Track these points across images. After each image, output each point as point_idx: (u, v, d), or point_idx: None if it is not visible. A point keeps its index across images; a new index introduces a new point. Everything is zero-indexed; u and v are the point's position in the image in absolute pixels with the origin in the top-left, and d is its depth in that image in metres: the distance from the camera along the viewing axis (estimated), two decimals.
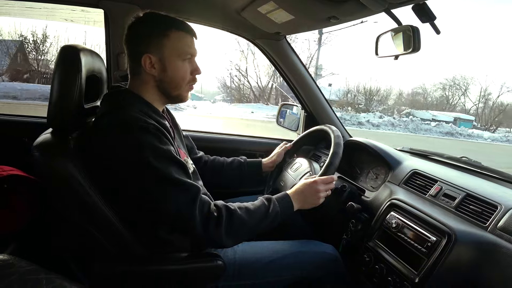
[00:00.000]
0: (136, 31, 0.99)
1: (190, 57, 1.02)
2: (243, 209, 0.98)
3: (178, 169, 0.92)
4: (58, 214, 0.97)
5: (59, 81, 0.91)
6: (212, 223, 0.90)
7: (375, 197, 1.24)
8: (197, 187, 0.92)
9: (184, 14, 1.51)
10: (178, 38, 0.99)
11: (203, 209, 0.91)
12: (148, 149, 0.87)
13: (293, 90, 1.81)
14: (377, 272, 1.02)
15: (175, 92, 1.03)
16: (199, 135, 1.84)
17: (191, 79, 1.04)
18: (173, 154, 0.92)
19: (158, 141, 0.90)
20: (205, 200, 0.93)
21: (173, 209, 0.88)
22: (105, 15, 1.45)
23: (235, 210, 0.96)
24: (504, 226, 0.88)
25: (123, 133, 0.88)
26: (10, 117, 1.62)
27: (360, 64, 60.84)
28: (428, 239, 0.92)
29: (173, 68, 0.99)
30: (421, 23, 1.00)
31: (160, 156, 0.89)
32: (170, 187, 0.88)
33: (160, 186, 0.88)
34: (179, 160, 0.93)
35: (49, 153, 0.89)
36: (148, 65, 0.98)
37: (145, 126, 0.89)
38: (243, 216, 0.96)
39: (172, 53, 0.98)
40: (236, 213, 0.95)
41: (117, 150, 0.88)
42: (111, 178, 0.92)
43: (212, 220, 0.91)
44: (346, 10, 1.13)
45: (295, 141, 1.54)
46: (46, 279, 0.47)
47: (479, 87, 35.38)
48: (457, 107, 33.45)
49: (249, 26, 1.52)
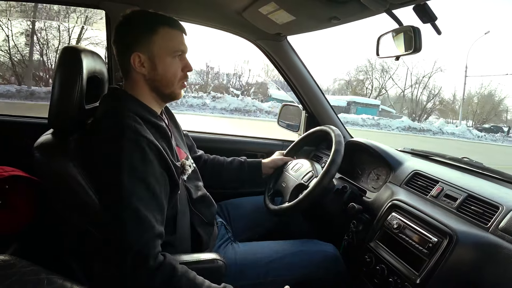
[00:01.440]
0: (123, 29, 0.97)
1: (180, 53, 1.00)
2: (191, 282, 0.84)
3: (147, 198, 0.84)
4: (58, 214, 0.97)
5: (60, 82, 0.92)
6: (143, 270, 0.80)
7: (376, 198, 1.24)
8: (152, 227, 0.83)
9: (184, 15, 1.51)
10: (168, 35, 0.96)
11: (143, 249, 0.80)
12: (127, 163, 0.83)
13: (294, 91, 1.80)
14: (378, 272, 1.01)
15: (168, 90, 1.01)
16: (200, 135, 1.84)
17: (182, 76, 1.01)
18: (149, 179, 0.86)
19: (141, 158, 0.85)
20: (153, 245, 0.82)
21: (116, 232, 0.81)
22: (106, 15, 1.46)
23: (180, 277, 0.83)
24: (505, 226, 0.88)
25: (111, 140, 0.86)
26: (11, 118, 1.62)
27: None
28: (430, 240, 0.91)
29: (163, 66, 0.97)
30: (422, 24, 1.00)
31: (135, 176, 0.83)
32: (124, 210, 0.81)
33: (117, 203, 0.82)
34: (153, 187, 0.86)
35: (50, 154, 0.89)
36: (138, 64, 0.95)
37: (134, 138, 0.86)
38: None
39: (161, 50, 0.96)
40: (178, 282, 0.82)
41: (102, 154, 0.87)
42: (97, 179, 0.90)
43: (145, 268, 0.80)
44: (347, 10, 1.13)
45: (296, 142, 1.54)
46: (47, 279, 0.47)
47: (407, 70, 31.88)
48: (382, 92, 30.42)
49: (250, 27, 1.52)
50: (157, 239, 0.84)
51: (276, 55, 1.71)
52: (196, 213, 1.09)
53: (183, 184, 1.05)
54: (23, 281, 0.45)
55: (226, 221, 1.34)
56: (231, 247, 1.15)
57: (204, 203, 1.14)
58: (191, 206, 1.08)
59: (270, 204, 1.29)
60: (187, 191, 1.08)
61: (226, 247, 1.16)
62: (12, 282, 0.44)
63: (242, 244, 1.18)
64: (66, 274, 0.52)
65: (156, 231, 0.84)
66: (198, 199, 1.11)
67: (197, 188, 1.14)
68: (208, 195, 1.19)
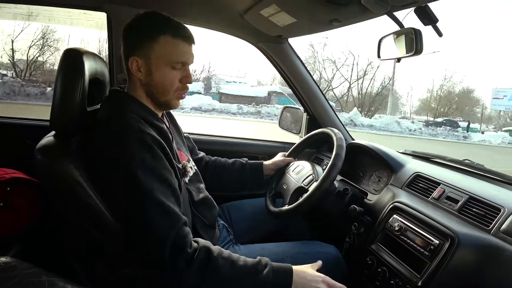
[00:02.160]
0: (128, 31, 0.97)
1: (181, 65, 0.96)
2: (228, 261, 0.86)
3: (166, 190, 0.87)
4: (60, 216, 0.97)
5: (62, 84, 0.92)
6: (182, 259, 0.82)
7: (377, 200, 1.23)
8: (179, 216, 0.86)
9: (186, 18, 1.51)
10: (169, 44, 0.94)
11: (177, 239, 0.83)
12: (138, 161, 0.84)
13: (296, 93, 1.81)
14: (379, 275, 1.01)
15: (163, 98, 0.99)
16: (201, 138, 1.84)
17: (180, 87, 0.99)
18: (163, 172, 0.88)
19: (150, 154, 0.87)
20: (185, 233, 0.85)
21: (146, 228, 0.82)
22: (108, 18, 1.46)
23: (217, 257, 0.85)
24: (507, 229, 0.87)
25: (116, 141, 0.86)
26: (13, 120, 1.63)
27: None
28: (431, 242, 0.91)
29: (160, 74, 0.95)
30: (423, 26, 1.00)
31: (149, 171, 0.85)
32: (149, 206, 0.82)
33: (140, 202, 0.83)
34: (168, 179, 0.89)
35: (52, 156, 0.89)
36: (135, 68, 0.95)
37: (140, 136, 0.86)
38: (223, 269, 0.85)
39: (159, 59, 0.94)
40: (216, 262, 0.85)
41: (109, 157, 0.87)
42: (104, 183, 0.91)
43: (183, 256, 0.82)
44: (348, 13, 1.13)
45: (297, 144, 1.54)
46: (48, 281, 0.47)
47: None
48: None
49: (251, 29, 1.52)
50: (186, 227, 0.86)
51: (277, 57, 1.71)
52: (198, 216, 1.09)
53: (184, 187, 1.05)
54: (24, 283, 0.45)
55: (228, 223, 1.34)
56: (232, 249, 1.15)
57: (206, 205, 1.14)
58: (192, 208, 1.08)
59: (271, 206, 1.29)
60: (189, 193, 1.08)
61: (227, 249, 1.15)
62: (13, 284, 0.44)
63: (244, 246, 1.18)
64: (67, 276, 0.52)
65: (183, 219, 0.86)
66: (200, 201, 1.11)
67: (198, 190, 1.14)
68: (209, 197, 1.19)
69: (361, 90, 26.56)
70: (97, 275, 0.94)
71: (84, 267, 1.00)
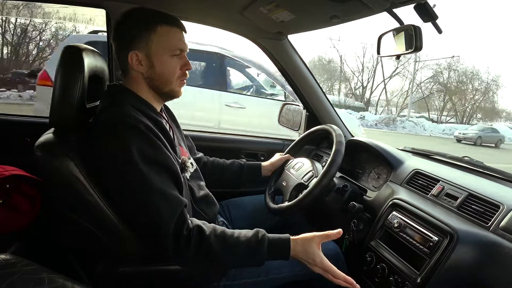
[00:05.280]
0: (122, 27, 0.97)
1: (179, 52, 0.99)
2: (220, 238, 0.90)
3: (166, 177, 0.90)
4: (60, 213, 0.98)
5: (62, 81, 0.92)
6: (182, 242, 0.86)
7: (377, 197, 1.24)
8: (180, 200, 0.90)
9: (185, 14, 1.51)
10: (166, 33, 0.96)
11: (179, 223, 0.87)
12: (136, 150, 0.86)
13: (295, 90, 1.80)
14: (378, 271, 1.01)
15: (166, 88, 1.01)
16: (201, 134, 1.84)
17: (181, 74, 1.01)
18: (161, 158, 0.90)
19: (147, 143, 0.88)
20: (185, 216, 0.89)
21: (151, 218, 0.86)
22: (107, 15, 1.46)
23: (209, 236, 0.89)
24: (506, 226, 0.88)
25: (112, 132, 0.88)
26: (12, 117, 1.62)
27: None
28: (430, 239, 0.92)
29: (161, 64, 0.97)
30: (423, 23, 1.00)
31: (148, 159, 0.87)
32: (153, 195, 0.86)
33: (144, 192, 0.86)
34: (167, 165, 0.91)
35: (51, 153, 0.89)
36: (135, 63, 0.96)
37: (135, 124, 0.88)
38: (215, 246, 0.88)
39: (159, 49, 0.96)
40: (209, 240, 0.88)
41: (107, 149, 0.88)
42: (105, 177, 0.91)
43: (183, 239, 0.87)
44: (348, 9, 1.12)
45: (296, 141, 1.54)
46: (48, 278, 0.47)
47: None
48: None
49: (251, 26, 1.51)
50: (185, 209, 0.90)
51: (277, 53, 1.71)
52: (199, 212, 1.09)
53: (186, 183, 1.05)
54: (24, 280, 0.45)
55: (228, 220, 1.34)
56: None
57: (207, 202, 1.15)
58: (193, 204, 1.08)
59: (271, 203, 1.29)
60: (190, 189, 1.08)
61: None
62: (13, 281, 0.44)
63: None
64: (67, 273, 0.52)
65: (183, 202, 0.90)
66: (201, 198, 1.11)
67: (199, 187, 1.15)
68: (210, 194, 1.19)
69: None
70: (96, 272, 0.94)
71: (84, 264, 1.00)
